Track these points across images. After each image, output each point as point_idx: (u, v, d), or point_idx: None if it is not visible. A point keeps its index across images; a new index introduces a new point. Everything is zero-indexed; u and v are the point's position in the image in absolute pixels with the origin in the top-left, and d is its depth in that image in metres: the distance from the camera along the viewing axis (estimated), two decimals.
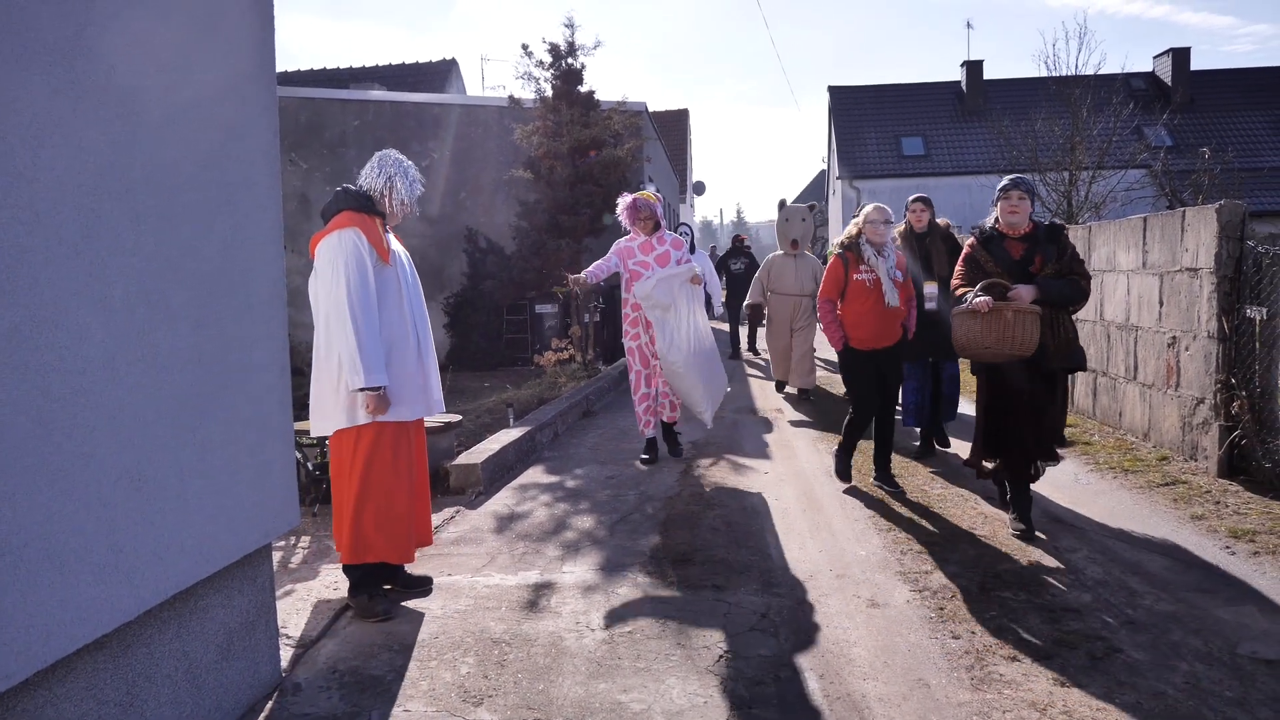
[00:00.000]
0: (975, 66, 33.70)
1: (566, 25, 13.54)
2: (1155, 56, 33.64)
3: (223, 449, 3.02)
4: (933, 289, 6.72)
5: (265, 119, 3.31)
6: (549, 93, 13.64)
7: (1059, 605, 4.09)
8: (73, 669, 2.46)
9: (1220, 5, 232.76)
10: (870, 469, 6.37)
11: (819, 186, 46.72)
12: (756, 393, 10.97)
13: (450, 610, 4.19)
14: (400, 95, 16.97)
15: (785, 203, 10.68)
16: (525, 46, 13.54)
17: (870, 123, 33.18)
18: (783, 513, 5.70)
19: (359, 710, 3.27)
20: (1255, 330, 5.94)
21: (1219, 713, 3.12)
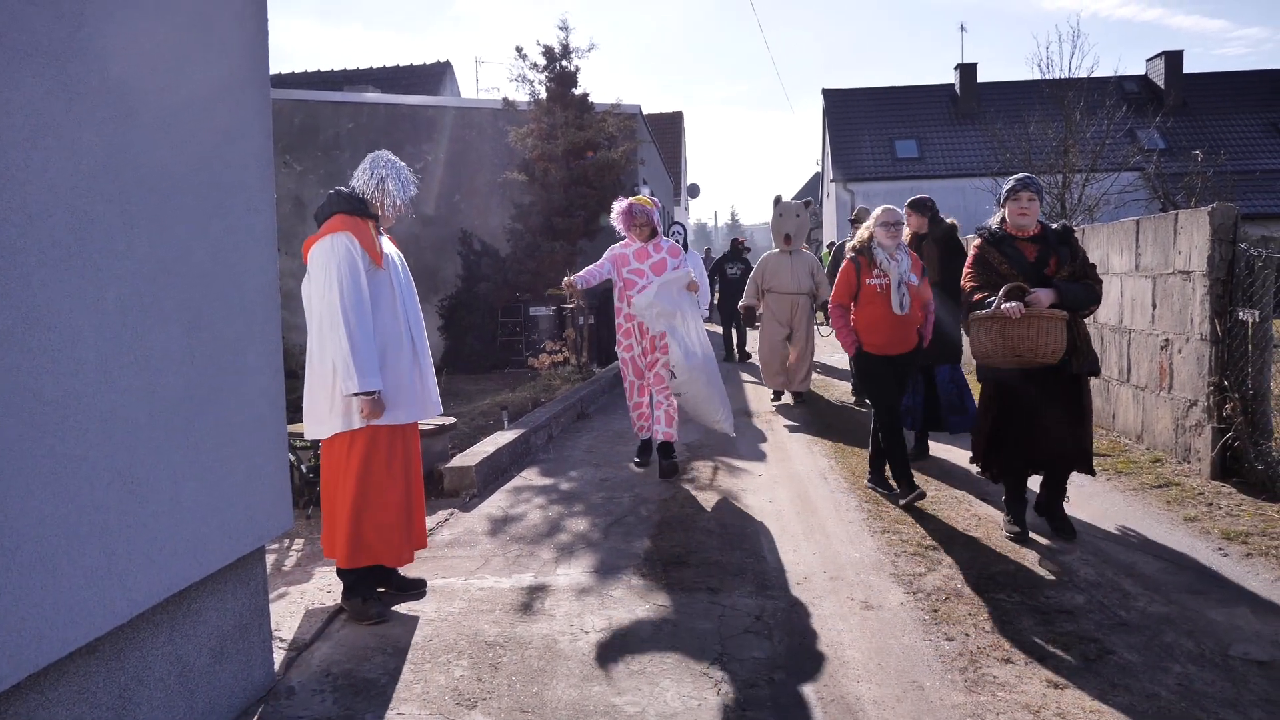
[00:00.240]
0: (969, 69, 33.81)
1: (561, 28, 13.56)
2: (1148, 60, 33.77)
3: (216, 451, 3.01)
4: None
5: (259, 121, 3.31)
6: (543, 95, 13.64)
7: (1052, 607, 4.09)
8: (65, 672, 2.46)
9: (1213, 9, 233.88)
10: (864, 470, 6.37)
11: (813, 189, 46.78)
12: (750, 395, 10.97)
13: (444, 613, 4.19)
14: (394, 97, 16.97)
15: (781, 199, 10.47)
16: (519, 49, 13.55)
17: (864, 125, 33.25)
18: (777, 515, 5.70)
19: (352, 713, 3.26)
20: (1247, 333, 5.95)
21: (1212, 714, 3.12)
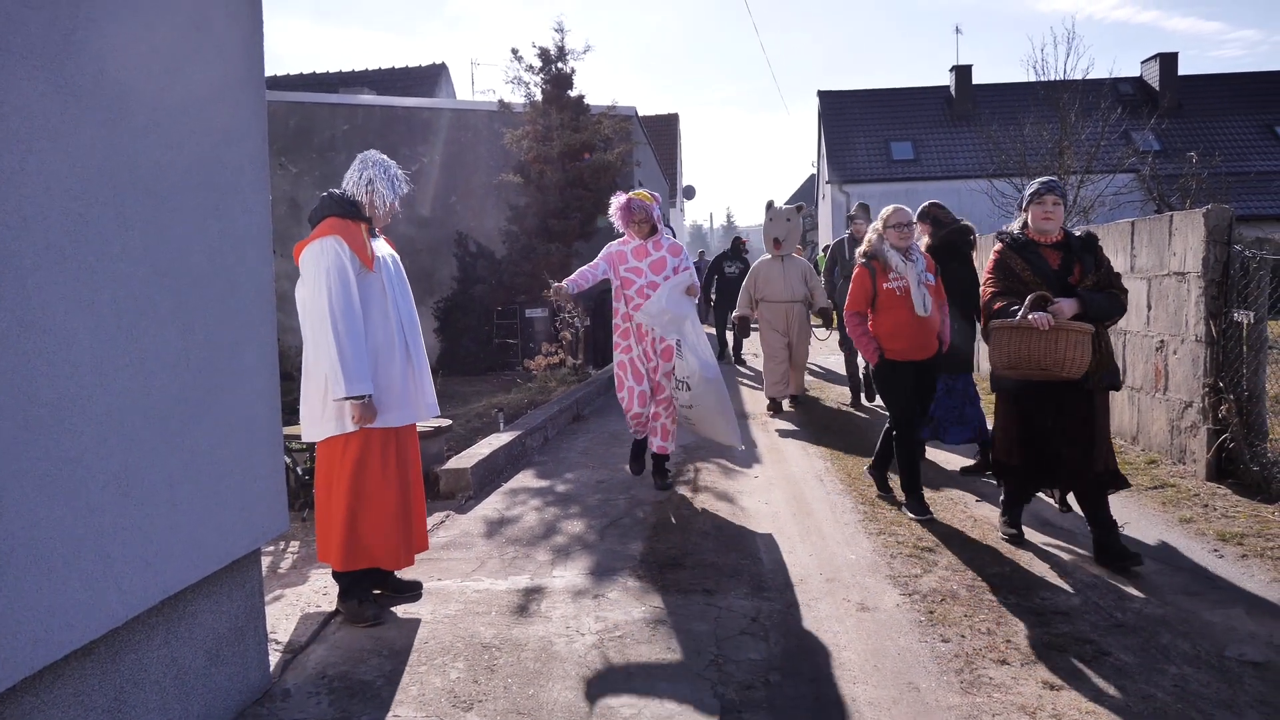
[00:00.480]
0: (964, 71, 33.85)
1: (556, 29, 13.57)
2: (1143, 61, 33.83)
3: (211, 453, 3.01)
4: None
5: (254, 123, 3.30)
6: (539, 97, 13.65)
7: (1048, 608, 4.10)
8: (61, 675, 2.45)
9: (1208, 11, 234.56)
10: (860, 472, 6.38)
11: (809, 190, 46.82)
12: (745, 397, 10.98)
13: (440, 615, 4.18)
14: (390, 99, 16.96)
15: (772, 204, 10.36)
16: (515, 51, 13.56)
17: (860, 127, 33.28)
18: (773, 516, 5.70)
19: (348, 716, 3.26)
20: (1242, 334, 5.97)
21: (1207, 715, 3.13)
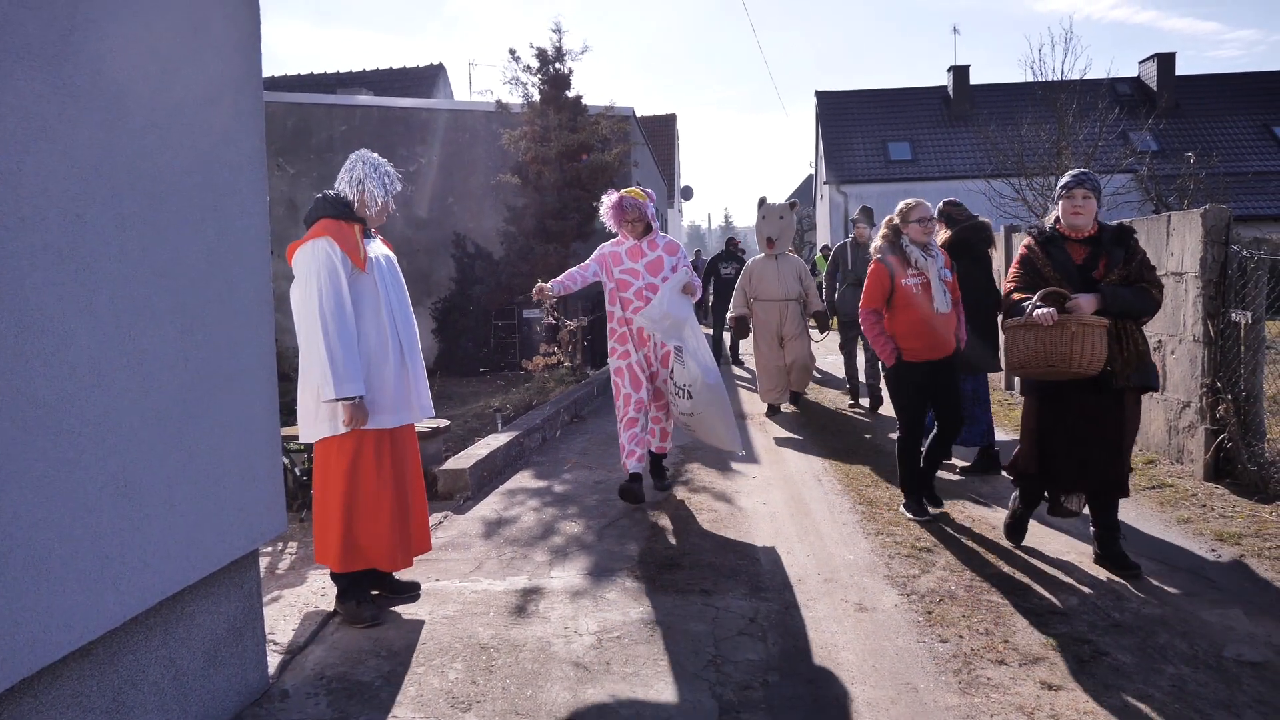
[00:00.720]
0: (962, 71, 33.86)
1: (554, 30, 13.54)
2: (1141, 62, 33.85)
3: (209, 454, 3.01)
4: None
5: (252, 124, 3.30)
6: (536, 98, 13.63)
7: (1046, 609, 4.10)
8: (59, 676, 2.45)
9: (1205, 11, 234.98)
10: (858, 472, 6.38)
11: (807, 191, 46.86)
12: (744, 398, 10.98)
13: (438, 616, 4.18)
14: (387, 100, 16.94)
15: (765, 200, 10.13)
16: (513, 51, 13.54)
17: (857, 127, 33.28)
18: (770, 517, 5.71)
19: (347, 717, 3.26)
20: (1240, 334, 5.98)
21: (1205, 715, 3.13)
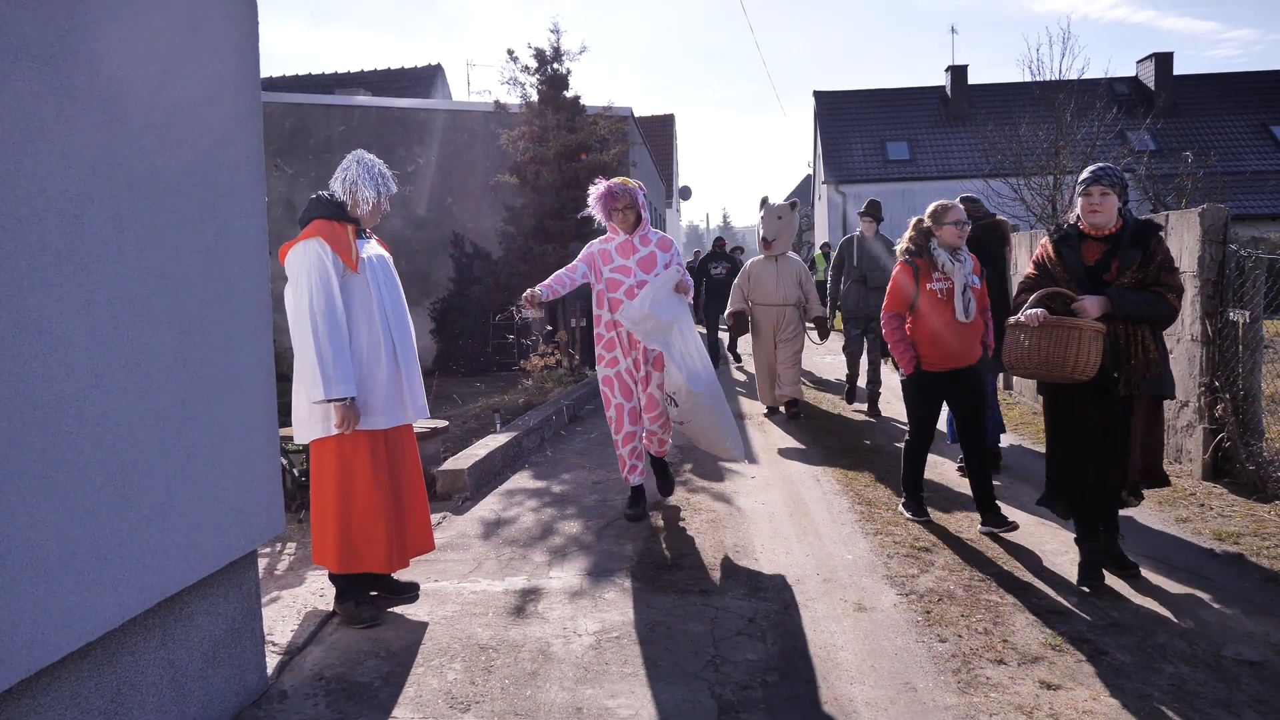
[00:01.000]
0: (960, 71, 33.89)
1: (552, 31, 13.53)
2: (1138, 61, 33.89)
3: (208, 454, 3.01)
4: None
5: (250, 124, 3.30)
6: (535, 98, 13.63)
7: (1045, 608, 4.10)
8: (57, 677, 2.45)
9: (1203, 11, 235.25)
10: (856, 472, 6.38)
11: (805, 191, 46.87)
12: (742, 398, 10.98)
13: (437, 616, 4.18)
14: (385, 100, 16.94)
15: (767, 200, 9.88)
16: (511, 52, 13.54)
17: (856, 127, 33.32)
18: (769, 517, 5.70)
19: (346, 717, 3.25)
20: (1238, 333, 5.98)
21: (1204, 714, 3.13)
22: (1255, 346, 5.89)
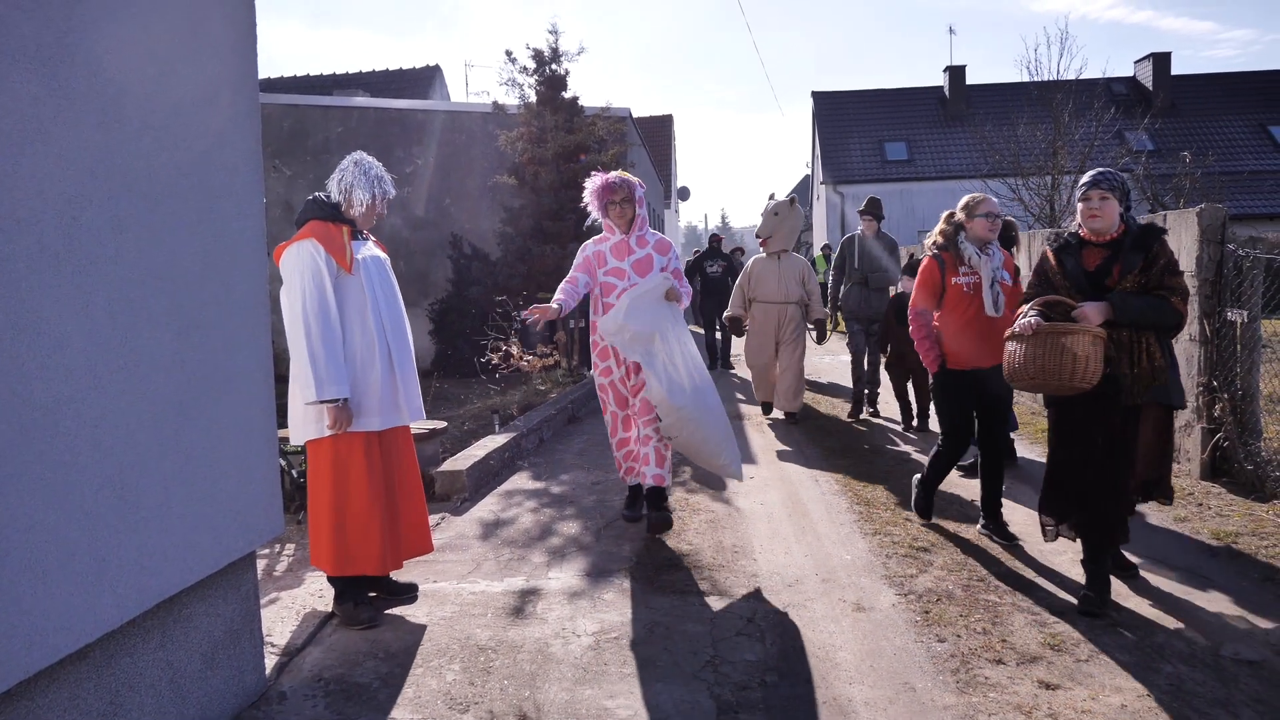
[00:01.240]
0: (958, 71, 33.92)
1: (550, 31, 13.53)
2: (1136, 61, 33.91)
3: (206, 456, 3.00)
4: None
5: (248, 125, 3.30)
6: (533, 99, 13.63)
7: (1044, 608, 4.11)
8: (55, 679, 2.45)
9: (1201, 11, 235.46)
10: (855, 472, 6.38)
11: (803, 191, 46.90)
12: (741, 397, 10.98)
13: (436, 617, 4.18)
14: (384, 101, 16.94)
15: (774, 196, 9.69)
16: (509, 53, 13.54)
17: (854, 127, 33.34)
18: (768, 517, 5.71)
19: (344, 718, 3.25)
20: (1236, 333, 5.99)
21: (1203, 714, 3.14)
22: (1253, 346, 5.90)
